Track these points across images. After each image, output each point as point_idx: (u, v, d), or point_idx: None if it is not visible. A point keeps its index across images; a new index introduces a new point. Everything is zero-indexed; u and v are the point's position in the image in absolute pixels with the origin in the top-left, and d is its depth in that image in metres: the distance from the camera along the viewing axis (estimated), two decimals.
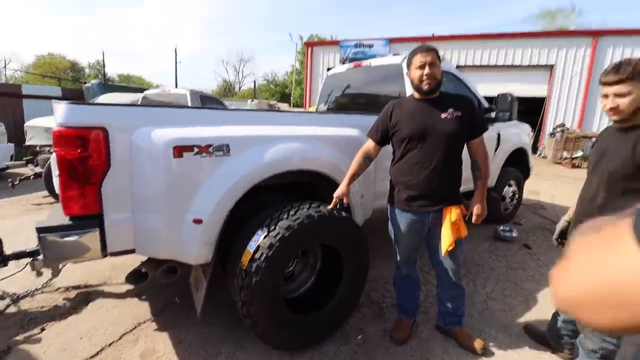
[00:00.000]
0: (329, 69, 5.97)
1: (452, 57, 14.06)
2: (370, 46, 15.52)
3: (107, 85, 11.73)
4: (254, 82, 36.09)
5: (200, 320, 2.06)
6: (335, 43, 17.12)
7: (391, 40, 15.18)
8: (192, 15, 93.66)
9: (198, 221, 1.61)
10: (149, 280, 1.85)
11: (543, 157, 11.85)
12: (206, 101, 6.28)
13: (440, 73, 1.75)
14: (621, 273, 0.33)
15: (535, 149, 12.29)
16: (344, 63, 3.91)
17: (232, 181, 1.66)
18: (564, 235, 1.80)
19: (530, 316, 2.36)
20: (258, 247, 1.66)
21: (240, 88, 46.47)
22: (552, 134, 11.69)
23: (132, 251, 1.64)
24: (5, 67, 30.93)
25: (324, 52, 17.06)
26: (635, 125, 1.39)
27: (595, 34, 12.42)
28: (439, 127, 1.72)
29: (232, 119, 1.93)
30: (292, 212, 1.76)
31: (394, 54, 3.30)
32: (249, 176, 1.72)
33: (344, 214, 1.95)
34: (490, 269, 3.08)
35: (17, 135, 7.76)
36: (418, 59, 1.72)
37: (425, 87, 1.72)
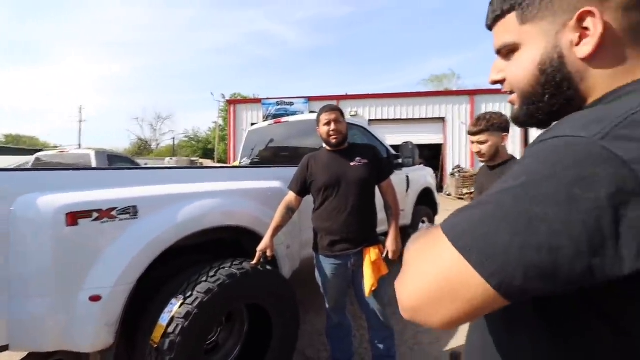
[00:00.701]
0: (252, 124, 6.15)
1: (363, 113, 15.86)
2: (291, 104, 16.58)
3: None
4: (173, 139, 34.68)
5: None
6: (257, 101, 17.89)
7: (310, 99, 16.50)
8: (101, 72, 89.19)
9: (96, 298, 1.38)
10: None
11: (448, 194, 13.46)
12: (115, 161, 5.82)
13: (345, 128, 1.95)
14: (444, 267, 0.36)
15: (441, 188, 14.01)
16: (267, 119, 4.09)
17: (141, 246, 1.51)
18: None
19: (456, 342, 2.49)
20: (172, 319, 1.48)
21: (158, 146, 44.16)
22: (453, 174, 13.53)
23: (4, 348, 1.32)
24: None
25: (246, 109, 17.61)
26: (499, 164, 1.72)
27: (472, 93, 15.63)
28: (349, 174, 1.87)
29: (143, 178, 1.81)
30: (211, 273, 1.64)
31: (311, 112, 3.59)
32: (161, 239, 1.59)
33: (269, 267, 1.89)
34: None
35: None
36: (324, 117, 1.91)
37: (332, 140, 1.91)
